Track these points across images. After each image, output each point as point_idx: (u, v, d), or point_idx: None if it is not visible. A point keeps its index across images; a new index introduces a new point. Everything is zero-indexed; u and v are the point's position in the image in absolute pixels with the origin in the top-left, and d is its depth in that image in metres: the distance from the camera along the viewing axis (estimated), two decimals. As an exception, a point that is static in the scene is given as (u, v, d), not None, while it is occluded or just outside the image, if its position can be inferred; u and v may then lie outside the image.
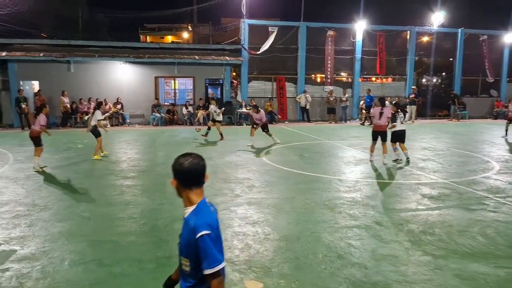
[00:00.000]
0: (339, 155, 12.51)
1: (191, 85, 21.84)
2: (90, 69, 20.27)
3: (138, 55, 20.58)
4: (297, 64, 23.14)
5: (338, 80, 24.62)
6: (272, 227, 6.19)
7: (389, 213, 6.91)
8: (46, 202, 7.41)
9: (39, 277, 4.56)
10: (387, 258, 5.11)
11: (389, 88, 25.12)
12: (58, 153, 12.37)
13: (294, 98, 23.25)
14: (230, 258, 5.04)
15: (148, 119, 20.85)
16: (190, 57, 21.24)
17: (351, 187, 8.62)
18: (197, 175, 2.40)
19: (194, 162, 2.39)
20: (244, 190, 8.27)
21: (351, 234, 5.91)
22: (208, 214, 2.37)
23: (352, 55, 23.86)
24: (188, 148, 13.59)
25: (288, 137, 16.45)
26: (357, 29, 23.42)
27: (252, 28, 22.28)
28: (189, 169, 2.38)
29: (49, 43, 21.44)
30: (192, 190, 2.41)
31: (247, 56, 22.05)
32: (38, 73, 19.64)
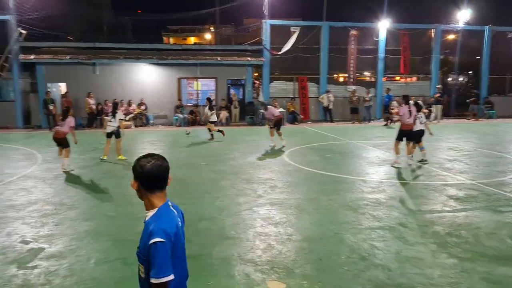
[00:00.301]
0: (362, 155, 12.37)
1: (213, 86, 21.97)
2: (114, 71, 20.63)
3: (161, 57, 20.84)
4: (319, 64, 22.99)
5: (361, 79, 24.36)
6: (295, 227, 6.17)
7: (414, 215, 6.80)
8: (73, 201, 7.59)
9: (66, 274, 4.67)
10: (411, 260, 5.03)
11: (414, 88, 24.69)
12: (84, 154, 12.63)
13: (316, 98, 23.12)
14: (252, 258, 5.06)
15: (171, 120, 21.08)
16: (212, 58, 21.38)
17: (375, 188, 8.52)
18: (159, 178, 2.30)
19: (157, 164, 2.29)
20: (266, 190, 8.28)
21: (375, 236, 5.84)
22: (168, 220, 2.25)
23: (375, 54, 23.56)
24: (209, 148, 13.69)
25: (310, 137, 16.38)
26: (380, 28, 23.12)
27: (274, 29, 22.25)
28: (151, 171, 2.27)
29: (75, 46, 21.92)
30: (154, 193, 2.30)
31: (269, 57, 22.04)
32: (64, 75, 20.10)
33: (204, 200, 7.68)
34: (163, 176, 2.32)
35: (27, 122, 20.23)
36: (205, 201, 7.61)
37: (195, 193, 8.16)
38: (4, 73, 19.63)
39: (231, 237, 5.77)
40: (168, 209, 2.32)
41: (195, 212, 6.88)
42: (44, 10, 21.01)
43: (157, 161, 2.32)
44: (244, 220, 6.53)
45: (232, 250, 5.32)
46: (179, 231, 2.28)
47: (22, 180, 9.18)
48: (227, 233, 5.92)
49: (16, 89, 20.03)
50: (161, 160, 2.35)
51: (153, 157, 2.34)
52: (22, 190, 8.29)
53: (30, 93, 20.56)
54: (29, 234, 5.91)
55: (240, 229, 6.09)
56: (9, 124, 19.78)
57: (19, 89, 20.13)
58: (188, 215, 6.86)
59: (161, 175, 2.31)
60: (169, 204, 2.35)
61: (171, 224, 2.23)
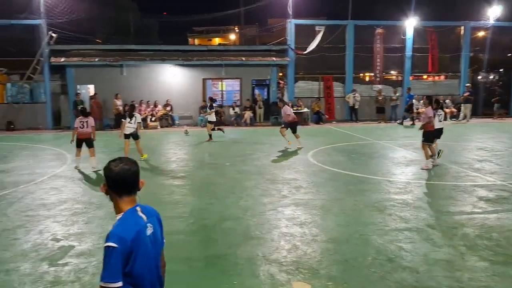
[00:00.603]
0: (389, 155, 12.18)
1: (238, 86, 22.06)
2: (141, 72, 20.98)
3: (186, 58, 21.07)
4: (344, 63, 22.78)
5: (387, 78, 24.01)
6: (320, 228, 6.13)
7: (442, 216, 6.65)
8: (101, 200, 7.74)
9: (95, 272, 4.76)
10: (440, 263, 4.92)
11: (442, 86, 24.17)
12: (112, 154, 12.88)
13: (341, 98, 22.92)
14: (277, 258, 5.05)
15: (196, 120, 21.27)
16: (237, 59, 21.47)
17: (402, 188, 8.38)
18: (127, 182, 2.27)
19: (125, 168, 2.27)
20: (291, 191, 8.25)
21: (402, 237, 5.74)
22: (128, 226, 2.19)
23: (402, 52, 23.17)
24: (234, 148, 13.74)
25: (335, 137, 16.24)
26: (407, 26, 22.72)
27: (298, 28, 22.17)
28: (118, 175, 2.25)
29: (103, 48, 22.41)
30: (122, 197, 2.28)
31: (293, 56, 21.97)
32: (93, 77, 20.57)
33: (229, 200, 7.71)
34: (131, 180, 2.29)
35: (57, 123, 20.80)
36: (229, 201, 7.65)
37: (220, 193, 8.21)
38: (35, 75, 20.23)
39: (255, 237, 5.78)
40: (133, 215, 2.27)
41: (219, 212, 6.93)
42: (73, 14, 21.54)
43: (125, 165, 2.29)
44: (269, 220, 6.52)
45: (256, 250, 5.33)
46: (141, 237, 2.22)
47: (52, 180, 9.44)
48: (252, 233, 5.93)
49: (47, 91, 20.63)
50: (130, 164, 2.31)
51: (122, 161, 2.32)
52: (53, 189, 8.52)
53: (60, 95, 21.14)
54: (60, 232, 6.07)
55: (264, 229, 6.09)
56: (40, 125, 20.40)
57: (50, 91, 20.73)
58: (212, 215, 6.95)
59: (128, 179, 2.28)
60: (137, 209, 2.30)
61: (130, 231, 2.18)
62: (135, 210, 2.29)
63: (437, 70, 23.89)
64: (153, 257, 2.31)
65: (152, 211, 2.43)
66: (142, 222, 2.27)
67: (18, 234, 6.01)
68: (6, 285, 4.49)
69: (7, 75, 21.09)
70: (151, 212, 2.41)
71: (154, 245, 2.33)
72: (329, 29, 22.27)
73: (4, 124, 19.91)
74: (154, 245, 2.33)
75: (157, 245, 2.36)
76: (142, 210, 2.33)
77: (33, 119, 20.39)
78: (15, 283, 4.53)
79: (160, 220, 2.47)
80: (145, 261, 2.23)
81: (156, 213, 2.45)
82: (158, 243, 2.39)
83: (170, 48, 22.31)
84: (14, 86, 20.67)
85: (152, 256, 2.29)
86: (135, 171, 2.31)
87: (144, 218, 2.29)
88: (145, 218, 2.29)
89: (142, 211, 2.32)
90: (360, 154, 12.48)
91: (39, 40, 20.15)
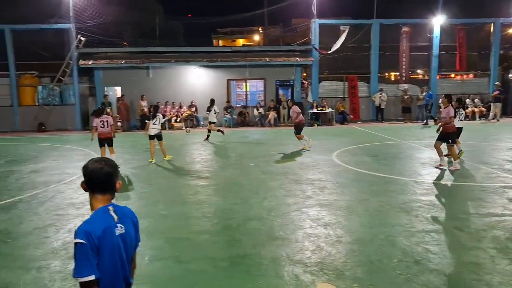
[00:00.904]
0: (415, 156, 11.98)
1: (262, 87, 22.10)
2: (166, 74, 21.28)
3: (211, 59, 21.26)
4: (369, 62, 22.53)
5: (413, 78, 23.61)
6: (345, 229, 6.08)
7: (471, 218, 6.50)
8: (126, 199, 7.89)
9: (123, 270, 4.86)
10: (469, 266, 4.81)
11: (471, 85, 23.60)
12: (138, 154, 13.13)
13: (367, 98, 22.67)
14: (302, 259, 5.04)
15: (220, 121, 21.42)
16: (261, 59, 21.52)
17: (429, 189, 8.23)
18: (99, 181, 2.34)
19: (97, 167, 2.34)
20: (315, 191, 8.21)
21: (429, 239, 5.63)
22: (96, 223, 2.26)
23: (428, 51, 22.75)
24: (258, 148, 13.76)
25: (360, 137, 16.07)
26: (434, 24, 22.28)
27: (322, 28, 22.06)
28: (91, 173, 2.34)
29: (129, 50, 22.85)
30: (95, 195, 2.35)
31: (317, 56, 21.87)
32: (120, 79, 21.00)
33: (253, 200, 7.74)
34: (102, 180, 2.34)
35: (86, 124, 21.31)
36: (253, 201, 7.67)
37: (244, 193, 8.24)
38: (65, 78, 20.80)
39: (280, 238, 5.78)
40: (103, 213, 2.32)
41: (244, 212, 6.96)
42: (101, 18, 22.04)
43: (99, 165, 2.36)
44: (293, 221, 6.52)
45: (281, 250, 5.33)
46: (108, 236, 2.26)
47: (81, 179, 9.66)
48: (276, 234, 5.94)
49: (76, 93, 21.18)
50: (104, 164, 2.37)
51: (98, 161, 2.40)
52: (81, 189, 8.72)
53: (89, 97, 21.66)
54: (88, 230, 6.21)
55: (289, 229, 6.09)
56: (69, 126, 20.95)
57: (78, 93, 21.27)
58: (236, 215, 6.97)
59: (101, 178, 2.34)
60: (109, 209, 2.35)
61: (97, 227, 2.23)
62: (107, 209, 2.34)
63: (465, 69, 23.34)
64: (120, 257, 2.33)
65: (128, 213, 2.48)
66: (112, 222, 2.31)
67: (49, 232, 6.20)
68: (38, 282, 4.64)
69: (38, 78, 21.78)
70: (127, 213, 2.46)
71: (124, 246, 2.36)
72: (354, 28, 22.07)
73: (36, 126, 20.54)
74: (124, 246, 2.36)
75: (127, 246, 2.39)
76: (116, 210, 2.37)
77: (62, 120, 20.98)
78: (46, 280, 4.68)
79: (136, 223, 2.51)
80: (110, 259, 2.26)
81: (132, 215, 2.50)
82: (129, 244, 2.41)
83: (194, 50, 22.58)
84: (45, 89, 21.33)
85: (118, 256, 2.31)
86: (108, 171, 2.36)
87: (115, 217, 2.33)
88: (116, 218, 2.33)
89: (115, 211, 2.36)
90: (385, 154, 12.32)
91: (69, 43, 20.73)
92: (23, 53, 20.84)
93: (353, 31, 21.99)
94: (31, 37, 21.14)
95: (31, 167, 11.30)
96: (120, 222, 2.34)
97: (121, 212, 2.40)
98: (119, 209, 2.41)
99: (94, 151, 13.28)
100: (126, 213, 2.46)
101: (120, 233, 2.33)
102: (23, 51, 20.79)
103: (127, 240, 2.38)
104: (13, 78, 20.84)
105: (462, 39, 22.65)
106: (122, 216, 2.38)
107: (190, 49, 22.88)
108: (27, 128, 20.67)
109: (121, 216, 2.37)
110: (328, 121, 21.57)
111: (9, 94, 20.99)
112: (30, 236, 6.07)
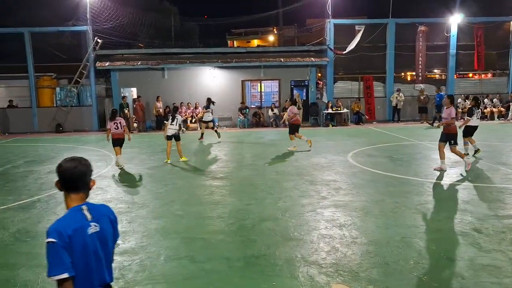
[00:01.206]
0: (431, 156, 11.82)
1: (276, 88, 22.09)
2: (182, 75, 21.43)
3: (226, 60, 21.34)
4: (385, 62, 22.34)
5: (430, 77, 23.32)
6: (360, 230, 6.04)
7: (489, 220, 6.39)
8: (144, 200, 7.98)
9: (138, 270, 4.92)
10: (487, 269, 4.73)
11: (489, 85, 23.22)
12: (154, 155, 13.24)
13: (382, 98, 22.48)
14: (317, 260, 5.02)
15: (235, 122, 21.48)
16: (275, 60, 21.53)
17: (446, 190, 8.11)
18: (73, 179, 2.34)
19: (71, 166, 2.34)
20: (330, 192, 8.17)
21: (446, 241, 5.55)
22: (67, 222, 2.26)
23: (445, 50, 22.44)
24: (273, 149, 13.74)
25: (376, 138, 15.94)
26: (452, 23, 21.98)
27: (337, 28, 21.95)
28: (64, 172, 2.34)
29: (145, 52, 23.08)
30: (69, 194, 2.36)
31: (332, 57, 21.77)
32: (136, 80, 21.23)
33: (267, 201, 7.74)
34: (76, 178, 2.34)
35: (102, 125, 21.60)
36: (268, 202, 7.67)
37: (259, 194, 8.24)
38: (82, 80, 21.11)
39: (294, 239, 5.77)
40: (76, 213, 2.32)
41: (258, 213, 6.96)
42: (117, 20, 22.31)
43: (73, 163, 2.36)
44: (308, 221, 6.49)
45: (295, 251, 5.32)
46: (80, 235, 2.26)
47: (98, 180, 9.79)
48: (291, 234, 5.93)
49: (93, 95, 21.48)
50: (78, 163, 2.38)
51: (72, 159, 2.39)
52: (98, 189, 8.85)
53: (105, 98, 21.93)
54: (105, 230, 6.29)
55: (303, 230, 6.07)
56: (86, 127, 21.25)
57: (95, 94, 21.57)
58: (251, 215, 6.97)
59: (74, 176, 2.34)
60: (82, 208, 2.35)
61: (68, 226, 2.24)
62: (80, 208, 2.34)
63: (483, 68, 22.96)
64: (94, 255, 2.33)
65: (105, 211, 2.47)
66: (85, 221, 2.31)
67: (67, 231, 6.28)
68: (56, 280, 4.71)
69: (56, 79, 22.16)
70: (103, 211, 2.46)
71: (101, 244, 2.37)
72: (369, 28, 21.90)
73: (54, 127, 20.89)
74: (101, 244, 2.37)
75: (102, 244, 2.39)
76: (90, 208, 2.37)
77: (79, 121, 21.30)
78: (64, 278, 4.74)
79: (113, 220, 2.51)
80: (82, 259, 2.27)
81: (109, 213, 2.49)
82: (105, 242, 2.42)
83: (209, 51, 22.69)
84: (63, 90, 21.67)
85: (91, 254, 2.32)
86: (81, 170, 2.37)
87: (88, 216, 2.33)
88: (89, 217, 2.33)
89: (89, 210, 2.36)
90: (401, 155, 12.19)
91: (86, 45, 21.03)
92: (42, 55, 21.25)
93: (369, 30, 21.83)
94: (50, 39, 21.54)
95: (49, 167, 11.50)
96: (94, 221, 2.34)
97: (96, 210, 2.40)
98: (94, 208, 2.41)
99: (110, 152, 13.45)
100: (102, 210, 2.45)
101: (94, 231, 2.33)
102: (41, 53, 21.20)
103: (101, 239, 2.37)
104: (32, 79, 21.24)
105: (480, 38, 22.29)
106: (97, 215, 2.38)
107: (205, 50, 23.01)
108: (45, 129, 21.04)
109: (95, 215, 2.36)
110: (343, 122, 21.45)
111: (28, 96, 21.40)
112: (49, 235, 6.17)
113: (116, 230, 2.56)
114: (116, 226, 2.56)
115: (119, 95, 20.87)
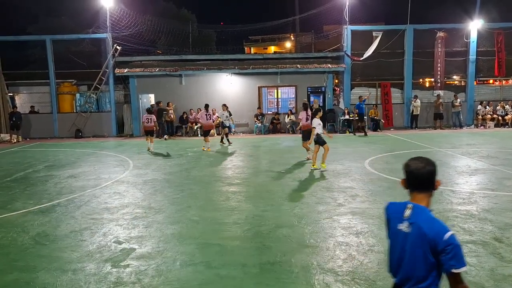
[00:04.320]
0: (450, 164, 11.64)
1: (293, 94, 22.08)
2: (199, 81, 21.59)
3: (243, 67, 21.44)
4: (403, 68, 22.13)
5: (449, 84, 23.01)
6: (377, 238, 5.96)
7: (510, 229, 6.24)
8: (161, 205, 8.03)
9: (154, 274, 4.95)
10: (508, 279, 4.62)
11: (510, 91, 22.79)
12: (171, 160, 13.34)
13: (400, 105, 22.26)
14: (333, 268, 4.98)
15: (252, 128, 21.51)
16: (292, 66, 21.53)
17: (466, 199, 7.97)
18: (417, 180, 2.57)
19: (417, 166, 2.56)
20: (347, 199, 8.11)
21: (466, 250, 5.45)
22: (393, 208, 2.58)
23: (465, 56, 22.13)
24: (290, 156, 13.72)
25: (393, 144, 15.77)
26: (471, 29, 21.67)
27: (355, 34, 21.86)
28: (410, 173, 2.64)
29: (163, 59, 23.35)
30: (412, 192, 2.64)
31: (349, 63, 21.67)
32: (154, 87, 21.48)
33: (284, 207, 7.71)
34: (423, 179, 2.52)
35: (121, 131, 21.88)
36: (284, 208, 7.64)
37: (275, 200, 8.22)
38: (101, 86, 21.46)
39: (310, 246, 5.73)
40: (400, 205, 2.52)
41: (274, 219, 6.94)
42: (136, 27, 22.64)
43: (420, 163, 2.55)
44: (324, 228, 6.45)
45: (311, 258, 5.29)
46: (391, 223, 2.52)
47: (116, 185, 9.93)
48: (307, 241, 5.89)
49: (112, 101, 21.79)
50: (425, 162, 2.54)
51: (417, 159, 2.60)
52: (116, 194, 8.96)
53: (124, 104, 22.24)
54: (122, 235, 6.36)
55: (319, 237, 6.03)
56: (105, 132, 21.56)
57: (114, 100, 21.88)
58: (267, 222, 6.96)
59: (421, 177, 2.52)
60: (408, 206, 2.48)
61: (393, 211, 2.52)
62: (406, 203, 2.54)
63: (504, 74, 22.54)
64: (400, 251, 2.55)
65: (423, 222, 2.48)
66: (400, 215, 2.54)
67: (84, 236, 6.38)
68: (74, 283, 4.77)
69: (76, 86, 22.58)
70: (422, 221, 2.49)
71: (403, 245, 2.52)
72: (387, 34, 21.75)
73: (73, 132, 21.25)
74: (403, 245, 2.52)
75: (407, 246, 2.50)
76: (414, 209, 2.49)
77: (98, 127, 21.62)
78: (81, 282, 4.81)
79: (424, 235, 2.46)
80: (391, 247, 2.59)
81: (427, 227, 2.45)
82: (411, 246, 2.50)
83: (226, 57, 22.81)
84: (82, 96, 22.05)
85: (397, 249, 2.57)
86: (430, 170, 2.48)
87: (406, 213, 2.49)
88: (407, 214, 2.48)
89: (412, 209, 2.49)
90: (420, 162, 12.00)
91: (105, 52, 21.39)
92: (63, 62, 21.68)
93: (386, 36, 21.67)
94: (70, 46, 21.99)
95: (69, 172, 11.69)
96: (409, 220, 2.42)
97: (417, 216, 2.41)
98: (418, 212, 2.43)
99: (129, 158, 13.62)
100: (422, 220, 2.40)
101: (403, 230, 2.42)
102: (62, 60, 21.64)
103: (409, 241, 2.40)
104: (53, 86, 21.68)
105: (501, 44, 21.93)
106: (414, 219, 2.40)
107: (222, 57, 23.14)
108: (65, 134, 21.42)
109: (413, 218, 2.41)
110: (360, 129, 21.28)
111: (49, 102, 21.84)
112: (67, 239, 6.27)
113: (426, 247, 2.42)
114: (426, 244, 2.41)
115: (137, 100, 21.15)
